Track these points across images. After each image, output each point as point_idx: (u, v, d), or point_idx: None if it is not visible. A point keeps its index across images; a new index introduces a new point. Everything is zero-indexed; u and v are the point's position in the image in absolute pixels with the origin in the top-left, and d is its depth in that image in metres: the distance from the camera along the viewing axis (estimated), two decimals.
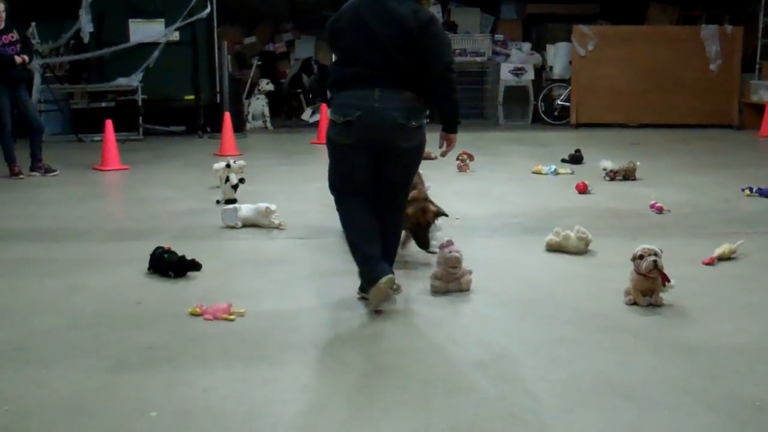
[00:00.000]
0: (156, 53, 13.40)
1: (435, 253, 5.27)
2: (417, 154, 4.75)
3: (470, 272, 5.08)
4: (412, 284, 5.16)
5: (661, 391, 3.63)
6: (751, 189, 8.21)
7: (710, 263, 5.63)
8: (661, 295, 4.78)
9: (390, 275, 4.55)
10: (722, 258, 5.71)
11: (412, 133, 4.56)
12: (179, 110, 14.00)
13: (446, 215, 5.70)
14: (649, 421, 3.33)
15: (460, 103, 4.71)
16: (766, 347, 4.15)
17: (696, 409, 3.45)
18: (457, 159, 9.82)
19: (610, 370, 3.86)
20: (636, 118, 14.90)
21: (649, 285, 4.75)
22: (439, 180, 8.77)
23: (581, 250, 5.88)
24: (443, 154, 4.94)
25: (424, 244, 5.58)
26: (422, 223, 5.52)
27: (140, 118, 13.25)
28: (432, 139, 4.92)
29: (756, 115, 14.26)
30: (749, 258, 5.80)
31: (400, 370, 3.87)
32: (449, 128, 4.79)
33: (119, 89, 13.38)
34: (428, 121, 4.98)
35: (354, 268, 4.71)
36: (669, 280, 4.87)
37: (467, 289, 5.02)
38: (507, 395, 3.60)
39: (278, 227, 6.69)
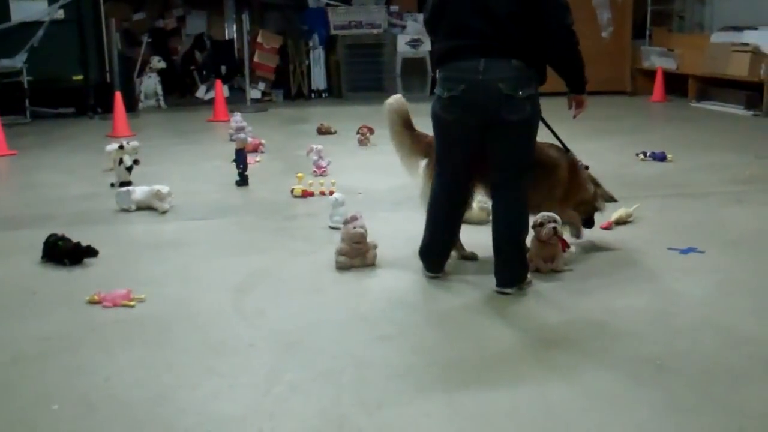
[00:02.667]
0: (40, 32, 12.84)
1: (339, 228, 5.25)
2: (526, 129, 4.39)
3: (375, 247, 5.08)
4: (317, 260, 5.14)
5: (561, 353, 3.72)
6: (645, 153, 8.47)
7: (608, 228, 5.77)
8: (562, 260, 4.88)
9: None
10: (619, 222, 5.86)
11: (519, 104, 4.25)
12: (68, 91, 13.50)
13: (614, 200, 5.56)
14: (550, 383, 3.40)
15: (584, 62, 4.41)
16: (663, 308, 4.30)
17: (598, 369, 3.54)
18: (357, 133, 9.77)
19: (512, 335, 3.93)
20: None
21: (549, 251, 4.84)
22: (340, 154, 8.75)
23: (484, 220, 5.93)
24: (574, 116, 4.69)
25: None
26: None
27: (26, 101, 12.74)
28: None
29: (648, 81, 14.70)
30: (645, 221, 5.98)
31: (307, 347, 3.84)
32: (576, 88, 4.54)
33: (2, 71, 12.83)
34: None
35: (256, 247, 4.64)
36: (568, 246, 4.98)
37: (372, 264, 5.02)
38: (414, 368, 3.61)
39: (164, 212, 6.49)
